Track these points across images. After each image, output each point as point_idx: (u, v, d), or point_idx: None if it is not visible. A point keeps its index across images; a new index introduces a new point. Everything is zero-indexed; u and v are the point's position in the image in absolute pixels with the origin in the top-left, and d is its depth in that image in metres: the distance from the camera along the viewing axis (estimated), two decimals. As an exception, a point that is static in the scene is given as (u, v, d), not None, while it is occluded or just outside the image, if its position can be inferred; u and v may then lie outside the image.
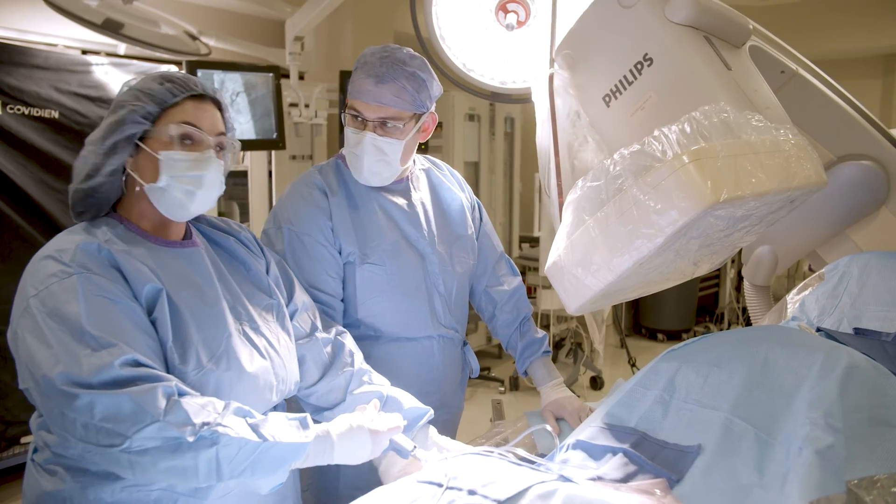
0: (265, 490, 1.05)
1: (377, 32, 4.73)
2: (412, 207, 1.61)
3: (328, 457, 1.11)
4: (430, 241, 1.61)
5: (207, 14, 4.44)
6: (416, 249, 1.58)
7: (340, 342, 1.39)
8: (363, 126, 1.48)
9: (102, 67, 3.32)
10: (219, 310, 1.15)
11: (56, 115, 3.12)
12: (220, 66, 3.10)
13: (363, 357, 1.45)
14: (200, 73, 2.94)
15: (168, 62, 3.65)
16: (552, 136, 1.37)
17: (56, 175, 3.10)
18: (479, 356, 1.80)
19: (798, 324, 1.59)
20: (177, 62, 3.59)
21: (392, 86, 1.45)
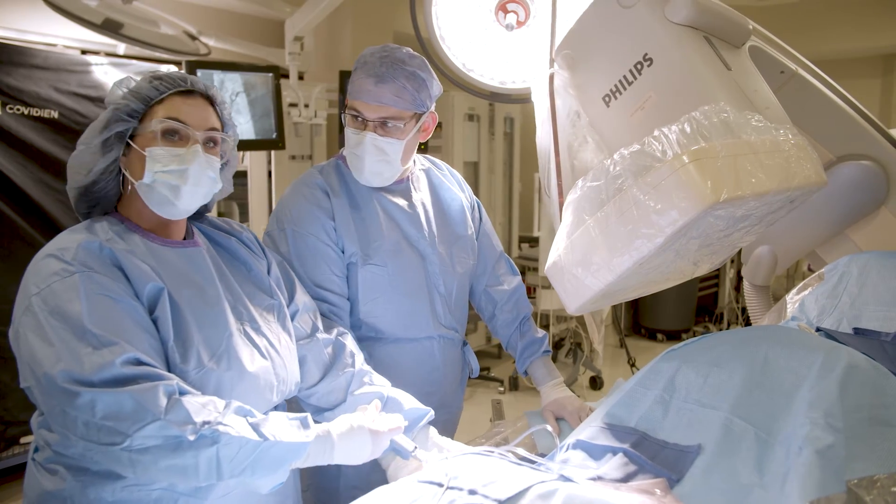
0: (265, 489, 1.05)
1: (377, 32, 4.73)
2: (413, 208, 1.60)
3: (329, 457, 1.12)
4: (431, 242, 1.60)
5: (207, 14, 4.43)
6: (417, 250, 1.58)
7: (341, 343, 1.38)
8: (364, 126, 1.48)
9: (102, 67, 3.32)
10: (220, 309, 1.16)
11: (55, 115, 3.13)
12: (220, 66, 3.10)
13: (367, 359, 1.45)
14: (200, 73, 2.94)
15: (167, 62, 3.65)
16: (552, 136, 1.37)
17: (56, 175, 3.10)
18: (479, 356, 1.80)
19: (798, 324, 1.59)
20: (176, 62, 3.59)
21: (392, 85, 1.44)
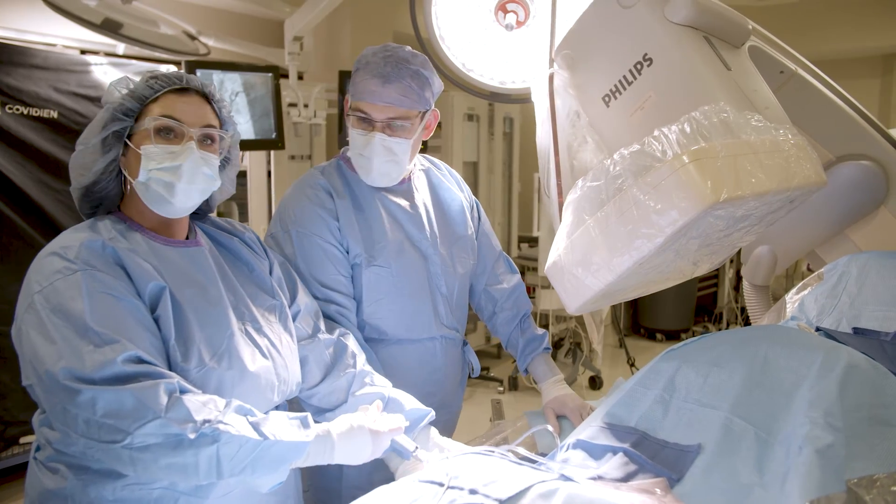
0: (265, 489, 1.06)
1: (376, 32, 4.73)
2: (415, 209, 1.60)
3: (329, 456, 1.12)
4: (433, 242, 1.60)
5: (206, 14, 4.43)
6: (420, 250, 1.58)
7: (343, 343, 1.38)
8: (371, 127, 1.47)
9: (101, 67, 3.32)
10: (221, 309, 1.16)
11: (55, 115, 3.12)
12: (219, 66, 3.10)
13: (375, 359, 1.45)
14: (199, 73, 2.94)
15: (167, 62, 3.65)
16: (552, 136, 1.37)
17: (55, 175, 3.10)
18: (478, 356, 1.80)
19: (797, 323, 1.59)
20: (176, 62, 3.59)
21: (398, 85, 1.44)
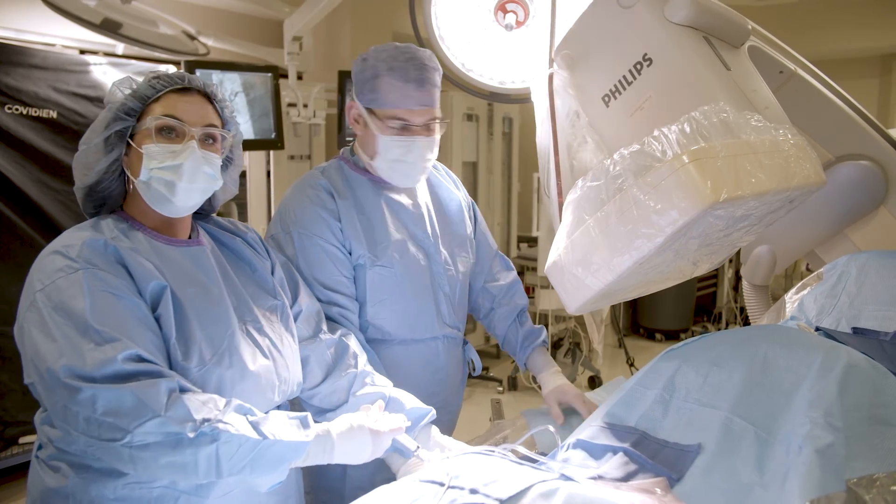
0: (264, 488, 1.06)
1: (375, 32, 4.72)
2: (417, 208, 1.60)
3: (328, 456, 1.12)
4: (435, 242, 1.61)
5: (206, 14, 4.43)
6: (423, 250, 1.58)
7: (344, 344, 1.38)
8: (412, 133, 1.47)
9: (101, 67, 3.32)
10: (222, 308, 1.16)
11: (54, 115, 3.12)
12: (219, 66, 3.10)
13: (376, 358, 1.45)
14: (199, 73, 2.93)
15: (166, 62, 3.65)
16: (552, 136, 1.38)
17: (54, 175, 3.08)
18: (478, 356, 1.81)
19: (797, 323, 1.59)
20: (175, 62, 3.59)
21: (429, 87, 1.47)
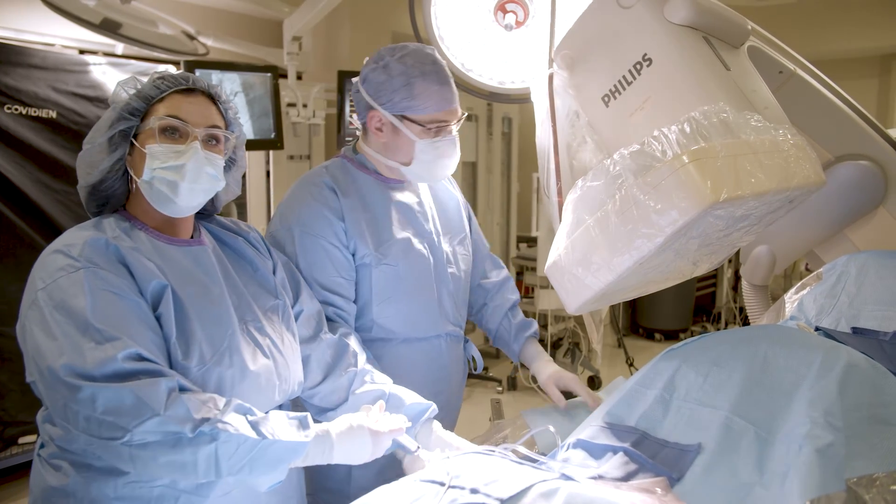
0: (264, 488, 1.06)
1: (375, 32, 4.72)
2: (421, 206, 1.61)
3: (328, 456, 1.12)
4: (438, 239, 1.61)
5: (205, 14, 4.43)
6: (427, 248, 1.58)
7: (344, 343, 1.38)
8: (449, 132, 1.51)
9: (100, 67, 3.32)
10: (223, 308, 1.16)
11: (54, 115, 3.12)
12: (218, 66, 3.10)
13: (373, 358, 1.44)
14: (198, 73, 2.93)
15: (166, 62, 3.64)
16: (552, 136, 1.38)
17: (54, 175, 3.08)
18: (478, 356, 1.81)
19: (796, 323, 1.59)
20: (175, 62, 3.59)
21: (453, 86, 1.51)
